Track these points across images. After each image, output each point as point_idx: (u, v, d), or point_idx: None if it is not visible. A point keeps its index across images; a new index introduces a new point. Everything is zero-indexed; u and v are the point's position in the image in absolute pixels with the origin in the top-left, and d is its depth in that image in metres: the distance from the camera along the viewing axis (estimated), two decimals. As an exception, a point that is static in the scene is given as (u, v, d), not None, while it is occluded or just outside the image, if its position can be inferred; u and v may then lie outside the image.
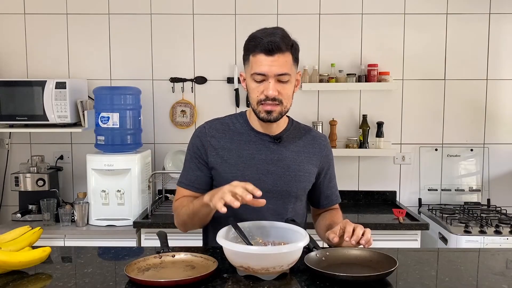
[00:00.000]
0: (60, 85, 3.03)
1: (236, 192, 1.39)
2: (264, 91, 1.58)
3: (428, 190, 3.42)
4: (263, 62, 1.57)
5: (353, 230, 1.50)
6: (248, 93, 1.66)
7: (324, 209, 1.86)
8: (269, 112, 1.61)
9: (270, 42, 1.55)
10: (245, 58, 1.65)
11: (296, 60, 1.65)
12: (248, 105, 1.63)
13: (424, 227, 2.88)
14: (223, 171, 1.67)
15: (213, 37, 3.37)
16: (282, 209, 1.71)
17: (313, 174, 1.76)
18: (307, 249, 1.47)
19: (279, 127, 1.73)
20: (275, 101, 1.60)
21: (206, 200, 1.49)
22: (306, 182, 1.74)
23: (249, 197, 1.38)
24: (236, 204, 1.37)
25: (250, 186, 1.41)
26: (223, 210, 1.38)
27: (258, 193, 1.40)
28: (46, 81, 3.05)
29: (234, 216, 1.58)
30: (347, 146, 3.34)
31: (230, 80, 3.38)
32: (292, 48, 1.61)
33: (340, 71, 3.33)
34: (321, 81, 3.29)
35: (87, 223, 3.02)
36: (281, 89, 1.59)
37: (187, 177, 1.73)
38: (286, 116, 1.77)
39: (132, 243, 2.90)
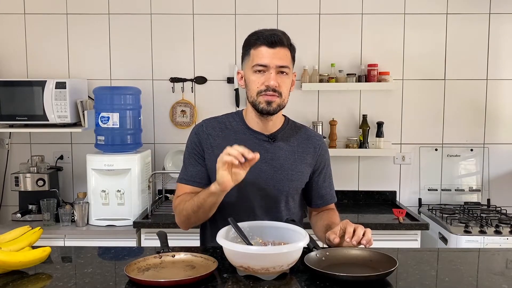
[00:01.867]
0: (60, 85, 3.03)
1: (231, 153, 1.44)
2: (265, 82, 1.62)
3: (428, 190, 3.42)
4: (265, 54, 1.62)
5: (354, 231, 1.50)
6: (248, 86, 1.68)
7: (319, 208, 1.85)
8: (269, 103, 1.63)
9: (272, 35, 1.62)
10: (245, 53, 1.68)
11: (293, 59, 1.69)
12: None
13: (424, 227, 2.88)
14: (216, 169, 1.68)
15: (213, 37, 3.37)
16: (274, 208, 1.72)
17: (307, 173, 1.76)
18: (307, 249, 1.47)
19: (275, 125, 1.74)
20: (275, 92, 1.62)
21: (212, 188, 1.51)
22: (298, 182, 1.75)
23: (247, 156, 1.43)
24: (239, 158, 1.43)
25: (241, 149, 1.45)
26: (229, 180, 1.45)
27: (250, 155, 1.44)
28: (46, 81, 3.05)
29: (226, 214, 1.60)
30: (347, 146, 3.34)
31: (230, 80, 3.38)
32: (291, 46, 1.67)
33: (340, 71, 3.33)
34: (321, 81, 3.29)
35: (87, 223, 3.02)
36: (280, 82, 1.63)
37: (188, 173, 1.74)
38: (283, 115, 1.79)
39: (132, 243, 2.90)
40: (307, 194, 1.84)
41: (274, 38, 1.61)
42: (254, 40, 1.64)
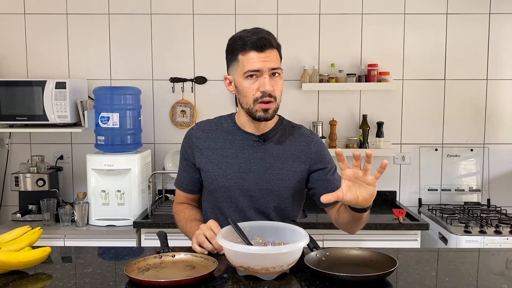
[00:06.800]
0: (60, 85, 3.04)
1: (204, 234, 1.54)
2: (260, 88, 1.59)
3: (428, 190, 3.42)
4: (255, 59, 1.58)
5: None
6: (241, 93, 1.63)
7: (335, 206, 1.69)
8: (266, 110, 1.61)
9: (260, 38, 1.57)
10: (232, 59, 1.64)
11: (281, 57, 1.66)
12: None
13: (424, 227, 2.87)
14: (207, 170, 1.72)
15: (213, 37, 3.37)
16: (264, 208, 1.70)
17: (300, 172, 1.71)
18: (307, 249, 1.47)
19: (267, 126, 1.72)
20: (271, 97, 1.59)
21: (189, 235, 1.67)
22: (290, 181, 1.70)
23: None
24: (207, 244, 1.53)
25: (215, 229, 1.54)
26: (203, 250, 1.53)
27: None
28: (46, 81, 3.05)
29: (216, 215, 1.70)
30: (347, 146, 3.34)
31: (230, 80, 3.38)
32: (278, 45, 1.64)
33: (340, 71, 3.33)
34: (321, 81, 3.29)
35: (87, 223, 3.02)
36: (274, 85, 1.60)
37: (181, 178, 1.83)
38: (277, 114, 1.77)
39: (132, 243, 2.90)
40: (319, 195, 1.67)
41: (263, 42, 1.56)
42: (241, 45, 1.59)
